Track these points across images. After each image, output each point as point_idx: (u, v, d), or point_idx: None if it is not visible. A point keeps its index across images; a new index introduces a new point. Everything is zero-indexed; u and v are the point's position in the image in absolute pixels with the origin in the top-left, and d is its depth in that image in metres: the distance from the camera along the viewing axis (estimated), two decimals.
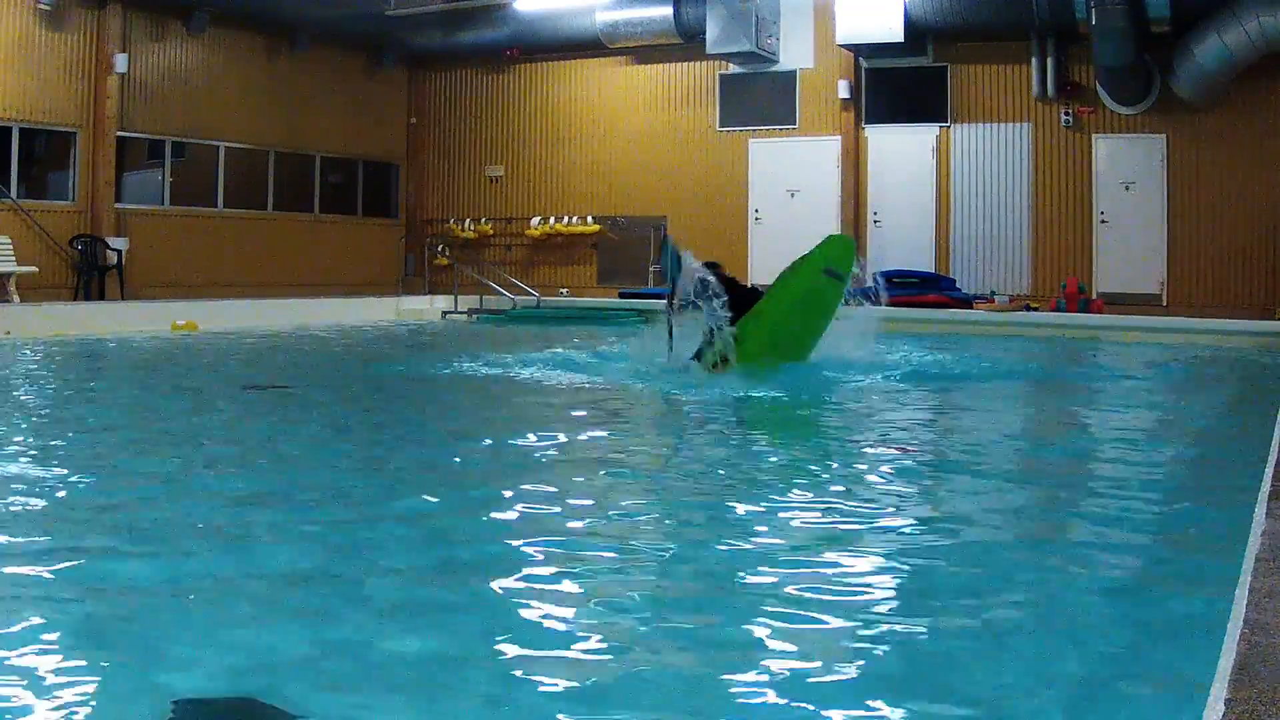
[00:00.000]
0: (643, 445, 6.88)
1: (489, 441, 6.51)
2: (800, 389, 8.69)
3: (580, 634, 3.14)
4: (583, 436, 6.92)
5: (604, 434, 7.06)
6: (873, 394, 8.68)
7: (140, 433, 6.77)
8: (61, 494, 4.80)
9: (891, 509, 4.81)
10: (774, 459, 6.35)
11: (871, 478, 5.52)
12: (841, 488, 5.26)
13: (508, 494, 4.93)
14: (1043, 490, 5.44)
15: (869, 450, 6.40)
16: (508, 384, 9.26)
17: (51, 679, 2.73)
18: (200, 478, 5.33)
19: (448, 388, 9.51)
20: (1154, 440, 7.06)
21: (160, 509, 4.61)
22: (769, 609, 3.34)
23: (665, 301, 9.59)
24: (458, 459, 6.03)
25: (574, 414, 7.93)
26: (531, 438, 6.58)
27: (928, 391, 9.04)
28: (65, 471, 5.19)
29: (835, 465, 5.97)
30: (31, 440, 6.18)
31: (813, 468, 5.93)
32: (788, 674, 2.86)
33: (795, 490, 5.22)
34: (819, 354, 9.46)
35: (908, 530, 4.42)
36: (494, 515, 4.67)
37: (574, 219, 21.08)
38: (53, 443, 6.19)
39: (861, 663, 2.97)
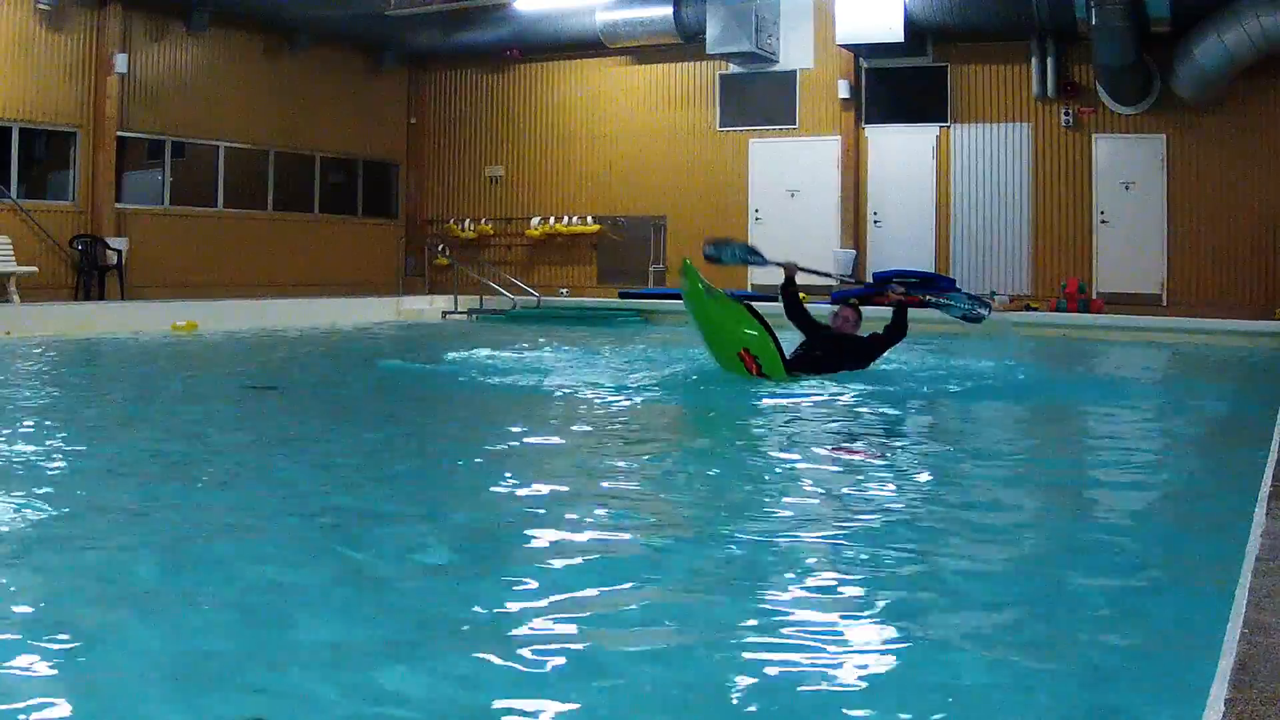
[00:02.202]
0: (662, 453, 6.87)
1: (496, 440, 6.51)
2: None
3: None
4: (582, 432, 6.92)
5: (602, 432, 7.06)
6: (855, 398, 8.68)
7: (133, 431, 6.77)
8: (42, 499, 4.80)
9: (875, 512, 4.76)
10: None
11: (830, 480, 5.46)
12: (812, 489, 5.26)
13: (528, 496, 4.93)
14: (1040, 491, 5.43)
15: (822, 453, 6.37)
16: (509, 386, 9.26)
17: (55, 683, 2.74)
18: (189, 480, 5.33)
19: (447, 386, 9.50)
20: (1153, 440, 7.06)
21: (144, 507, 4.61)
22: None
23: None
24: (453, 456, 6.03)
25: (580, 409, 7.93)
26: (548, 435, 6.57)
27: (919, 395, 9.02)
28: (55, 470, 5.19)
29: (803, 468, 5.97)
30: (22, 442, 6.18)
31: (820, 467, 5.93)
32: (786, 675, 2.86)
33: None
34: None
35: (899, 531, 4.41)
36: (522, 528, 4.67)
37: (574, 219, 21.07)
38: (46, 442, 6.18)
39: (857, 663, 2.97)
